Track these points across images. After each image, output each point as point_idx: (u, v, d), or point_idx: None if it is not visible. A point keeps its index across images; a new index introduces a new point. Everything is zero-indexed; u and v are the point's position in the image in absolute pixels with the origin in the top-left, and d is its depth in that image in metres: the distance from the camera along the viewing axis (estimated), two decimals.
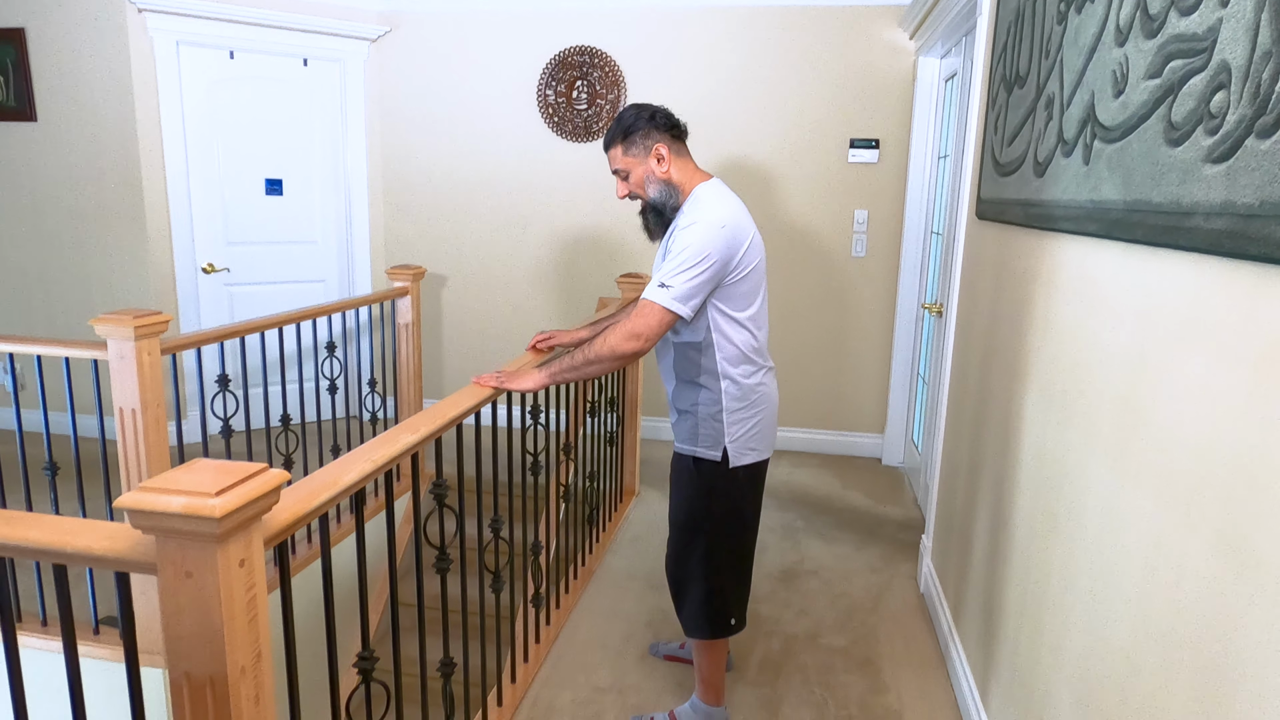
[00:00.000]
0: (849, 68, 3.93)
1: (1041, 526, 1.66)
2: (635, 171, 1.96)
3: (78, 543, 1.04)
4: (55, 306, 4.17)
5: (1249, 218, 0.92)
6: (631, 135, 1.94)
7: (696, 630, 2.07)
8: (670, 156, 1.94)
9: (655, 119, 1.94)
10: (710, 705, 2.11)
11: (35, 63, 3.92)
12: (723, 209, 1.87)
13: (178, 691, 1.03)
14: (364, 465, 1.36)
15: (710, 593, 2.04)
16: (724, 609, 2.05)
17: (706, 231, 1.81)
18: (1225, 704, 0.97)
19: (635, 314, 1.82)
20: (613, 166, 1.99)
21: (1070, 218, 1.55)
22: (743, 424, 1.95)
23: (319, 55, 4.22)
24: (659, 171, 1.94)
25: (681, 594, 2.09)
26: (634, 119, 1.94)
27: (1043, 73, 1.78)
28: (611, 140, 1.98)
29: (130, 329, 2.18)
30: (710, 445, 1.96)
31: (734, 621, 2.08)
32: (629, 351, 1.83)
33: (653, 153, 1.93)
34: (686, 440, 2.00)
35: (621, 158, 1.96)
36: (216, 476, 0.99)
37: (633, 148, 1.94)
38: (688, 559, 2.05)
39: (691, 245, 1.80)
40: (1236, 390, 0.98)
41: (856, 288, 4.14)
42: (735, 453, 1.96)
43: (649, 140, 1.93)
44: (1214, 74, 1.01)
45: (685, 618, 2.10)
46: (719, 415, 1.94)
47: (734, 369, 1.92)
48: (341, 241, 4.48)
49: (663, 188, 1.94)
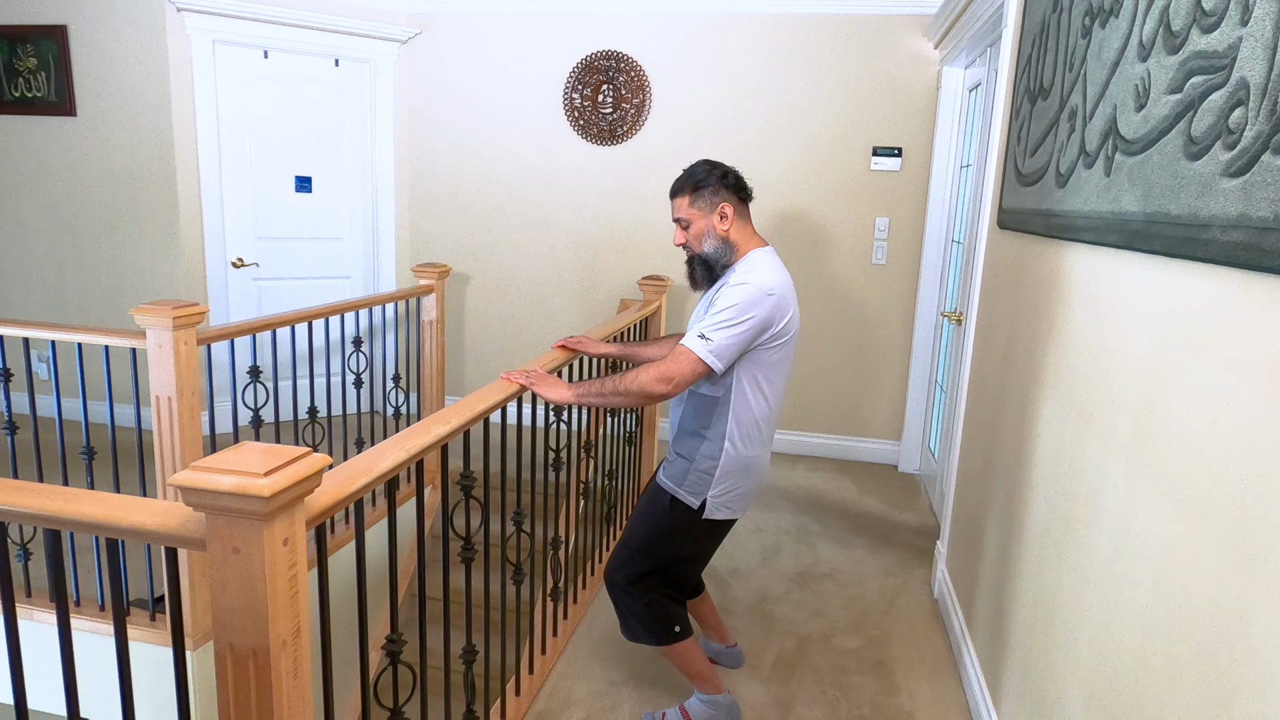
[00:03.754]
0: (873, 76, 3.96)
1: (1056, 532, 1.69)
2: (697, 224, 2.01)
3: (132, 519, 1.09)
4: (89, 297, 4.27)
5: (1264, 230, 0.95)
6: (701, 189, 1.99)
7: (641, 636, 2.12)
8: (733, 217, 1.99)
9: (727, 178, 2.00)
10: (712, 694, 2.15)
11: (76, 59, 4.03)
12: (773, 277, 1.93)
13: (222, 662, 1.08)
14: (398, 454, 1.41)
15: (650, 604, 2.08)
16: (666, 617, 2.09)
17: (755, 294, 1.87)
18: (1233, 706, 1.00)
19: (671, 358, 1.88)
20: (675, 214, 2.04)
21: (1091, 228, 1.57)
22: (730, 485, 2.02)
23: (350, 56, 4.30)
24: (720, 229, 1.99)
25: (620, 606, 2.13)
26: (706, 174, 2.00)
27: (1066, 85, 1.80)
28: (680, 190, 2.03)
29: (169, 319, 2.25)
30: (693, 493, 2.02)
31: (679, 629, 2.12)
32: (658, 393, 1.89)
33: (718, 210, 1.98)
34: (673, 479, 2.05)
35: (687, 208, 2.01)
36: (264, 458, 1.04)
37: (699, 201, 1.99)
38: (631, 574, 2.09)
39: (739, 304, 1.86)
40: (1250, 399, 1.01)
41: (876, 295, 4.16)
42: (713, 507, 2.02)
43: (717, 197, 1.98)
44: (1233, 90, 1.04)
45: (627, 626, 2.14)
46: (713, 470, 2.00)
47: (741, 433, 1.99)
48: (368, 239, 4.56)
49: (720, 245, 2.00)
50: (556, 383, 2.00)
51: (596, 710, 2.23)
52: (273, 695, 1.07)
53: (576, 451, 2.75)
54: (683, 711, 2.17)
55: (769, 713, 2.25)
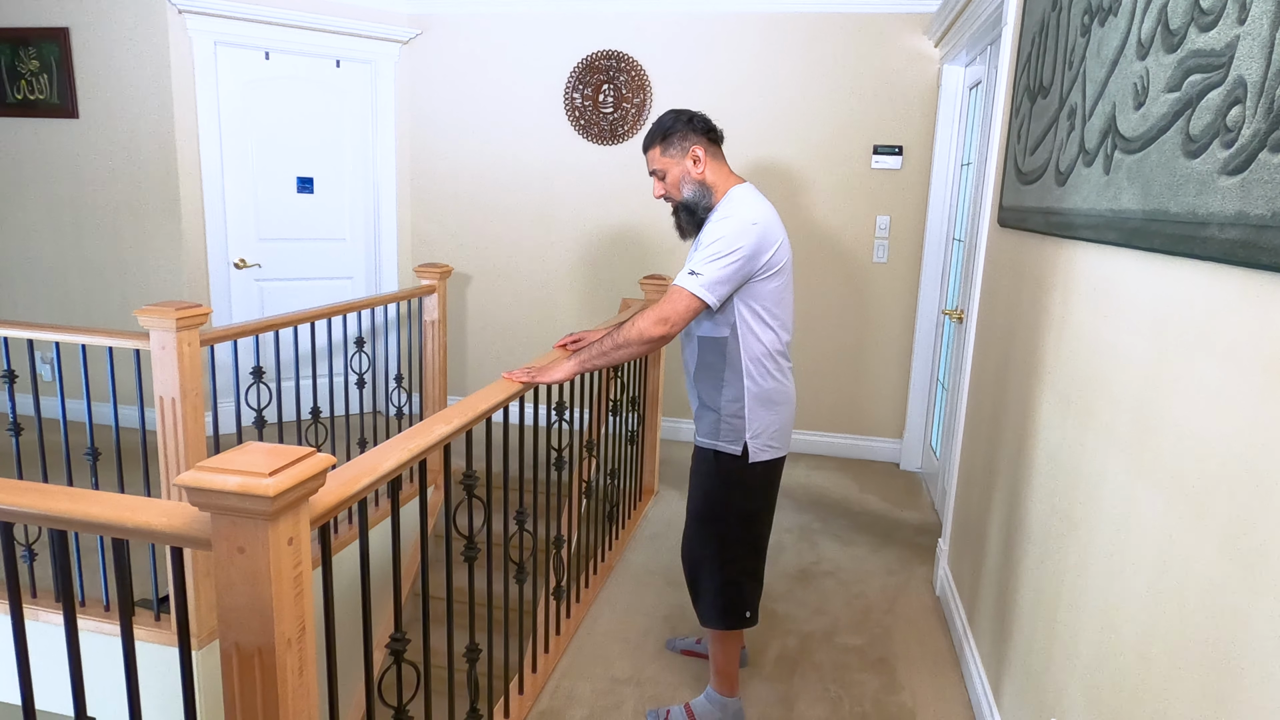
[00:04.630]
0: (874, 74, 3.97)
1: (1056, 528, 1.69)
2: (671, 172, 2.03)
3: (138, 519, 1.10)
4: (93, 299, 4.29)
5: (1261, 228, 0.96)
6: (670, 137, 2.02)
7: (713, 621, 2.11)
8: (706, 159, 2.01)
9: (693, 122, 2.02)
10: (725, 696, 2.16)
11: (78, 61, 4.04)
12: (756, 209, 1.94)
13: (227, 661, 1.09)
14: (400, 454, 1.42)
15: (725, 584, 2.09)
16: (739, 601, 2.10)
17: (739, 226, 1.88)
18: (1232, 698, 1.00)
19: (664, 299, 1.89)
20: (650, 167, 2.07)
21: (1090, 226, 1.58)
22: (763, 421, 2.00)
23: (351, 56, 4.31)
24: (694, 172, 2.01)
25: (697, 585, 2.14)
26: (673, 121, 2.02)
27: (1066, 83, 1.81)
28: (650, 141, 2.06)
29: (172, 320, 2.26)
30: (731, 440, 2.01)
31: (749, 614, 2.12)
32: (656, 336, 1.89)
33: (689, 154, 2.00)
34: (708, 434, 2.05)
35: (659, 158, 2.04)
36: (269, 458, 1.05)
37: (670, 149, 2.02)
38: (704, 549, 2.10)
39: (724, 237, 1.87)
40: (1248, 395, 1.02)
41: (877, 293, 4.16)
42: (755, 449, 2.01)
43: (686, 142, 2.01)
44: (1231, 89, 1.05)
45: (701, 608, 2.14)
46: (740, 412, 1.99)
47: (757, 368, 1.98)
48: (370, 239, 4.57)
49: (697, 188, 2.01)
50: (558, 363, 2.02)
51: (600, 708, 2.24)
52: (278, 694, 1.08)
53: (579, 451, 2.76)
54: (688, 710, 2.18)
55: (772, 710, 2.25)
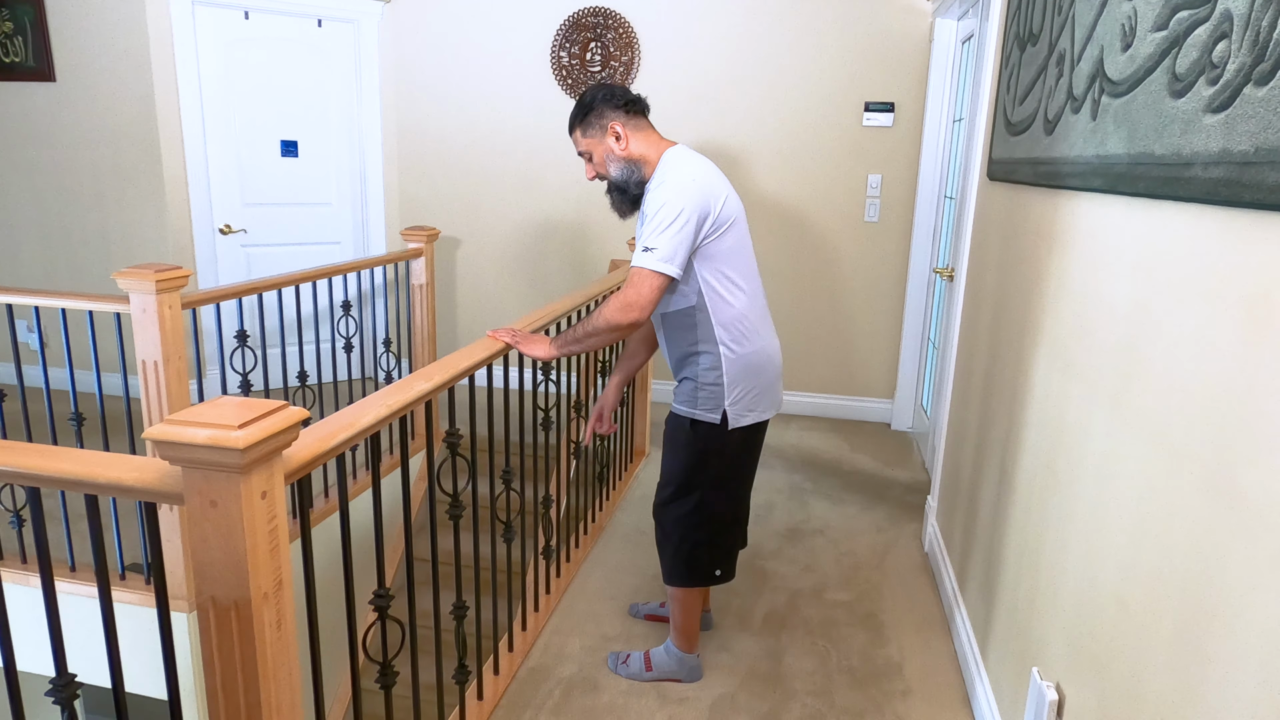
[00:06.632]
0: (865, 29, 3.90)
1: (1042, 480, 1.69)
2: (596, 152, 1.96)
3: (109, 474, 1.09)
4: (78, 266, 4.24)
5: (1244, 165, 0.94)
6: (588, 116, 1.94)
7: (675, 578, 2.11)
8: (628, 133, 1.93)
9: (611, 98, 1.93)
10: (684, 652, 2.17)
11: (54, 23, 3.94)
12: (691, 166, 1.88)
13: (204, 615, 1.08)
14: (379, 409, 1.41)
15: (697, 544, 2.07)
16: (708, 560, 2.09)
17: (677, 186, 1.82)
18: (1205, 639, 1.00)
19: (626, 284, 1.81)
20: (577, 150, 1.99)
21: (1077, 174, 1.55)
22: (743, 387, 1.95)
23: (333, 15, 4.22)
24: (618, 150, 1.93)
25: (665, 543, 2.11)
26: (590, 99, 1.94)
27: (1055, 29, 1.77)
28: (572, 124, 1.98)
29: (152, 283, 2.23)
30: (710, 408, 1.96)
31: (719, 573, 2.12)
32: (625, 323, 1.82)
33: (609, 131, 1.93)
34: (685, 402, 2.00)
35: (582, 140, 1.96)
36: (239, 411, 1.03)
37: (590, 129, 1.95)
38: (677, 513, 2.07)
39: (667, 203, 1.81)
40: (1228, 335, 1.00)
41: (868, 253, 4.13)
42: (735, 415, 1.96)
43: (604, 120, 1.93)
44: (1217, 24, 1.02)
45: (665, 565, 2.13)
46: (719, 380, 1.94)
47: (731, 334, 1.92)
48: (356, 203, 4.51)
49: (624, 166, 1.94)
50: (540, 340, 1.99)
51: (589, 664, 2.26)
52: (255, 647, 1.08)
53: (567, 412, 2.75)
54: (646, 658, 2.20)
55: (760, 663, 2.27)
